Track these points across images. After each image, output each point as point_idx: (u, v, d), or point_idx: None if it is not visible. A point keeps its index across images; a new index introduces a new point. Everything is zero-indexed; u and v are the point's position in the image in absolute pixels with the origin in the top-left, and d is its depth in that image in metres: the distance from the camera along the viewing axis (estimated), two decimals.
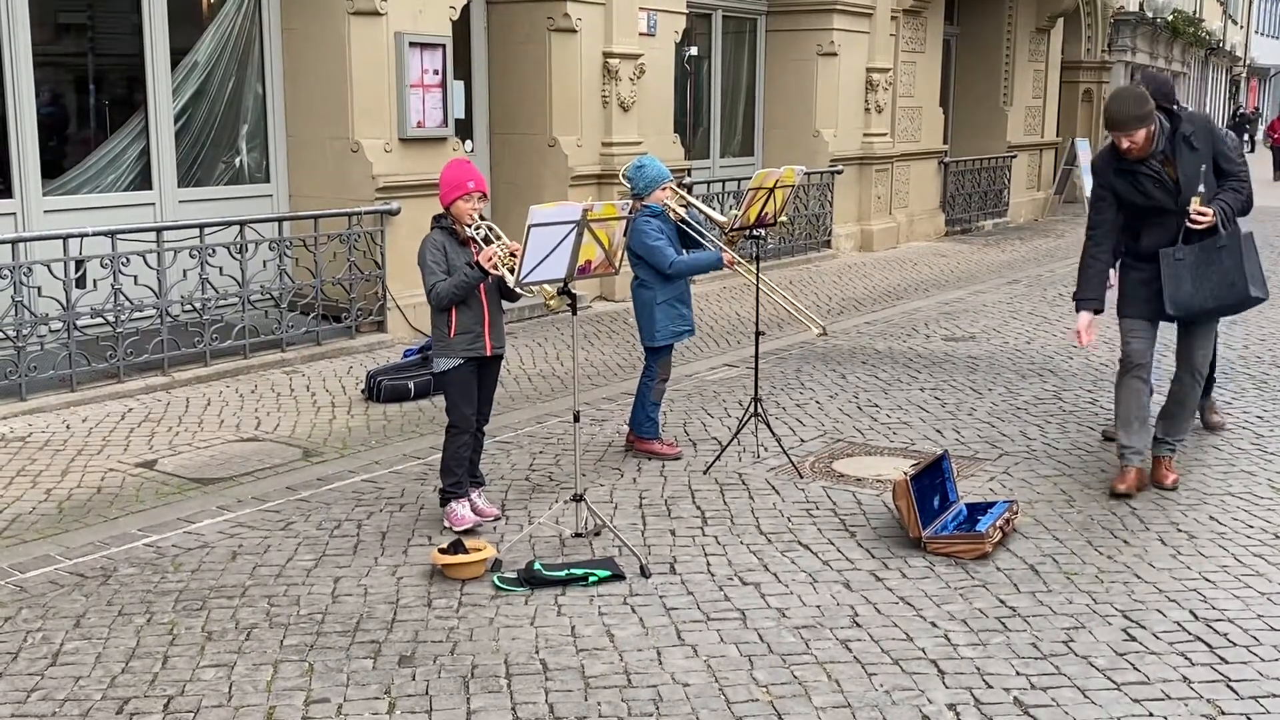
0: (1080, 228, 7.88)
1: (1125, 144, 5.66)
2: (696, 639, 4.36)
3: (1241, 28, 47.90)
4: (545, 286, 5.20)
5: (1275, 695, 3.97)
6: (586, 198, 10.47)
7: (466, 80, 11.01)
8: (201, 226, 8.29)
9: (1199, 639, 4.37)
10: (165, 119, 9.01)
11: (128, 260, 7.85)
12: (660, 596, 4.71)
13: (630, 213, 5.33)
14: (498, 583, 4.79)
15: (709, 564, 5.05)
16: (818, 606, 4.63)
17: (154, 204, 8.99)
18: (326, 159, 9.48)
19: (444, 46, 9.70)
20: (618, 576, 4.86)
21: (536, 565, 4.85)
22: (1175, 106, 5.83)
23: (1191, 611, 4.60)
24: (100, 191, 8.77)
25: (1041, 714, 3.85)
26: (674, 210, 6.39)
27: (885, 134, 15.82)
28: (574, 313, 5.18)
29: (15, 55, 8.10)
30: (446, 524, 5.40)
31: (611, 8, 11.20)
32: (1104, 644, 4.32)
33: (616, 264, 5.23)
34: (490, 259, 5.17)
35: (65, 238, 7.57)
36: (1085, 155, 8.67)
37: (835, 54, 14.58)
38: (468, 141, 11.01)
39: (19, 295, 7.32)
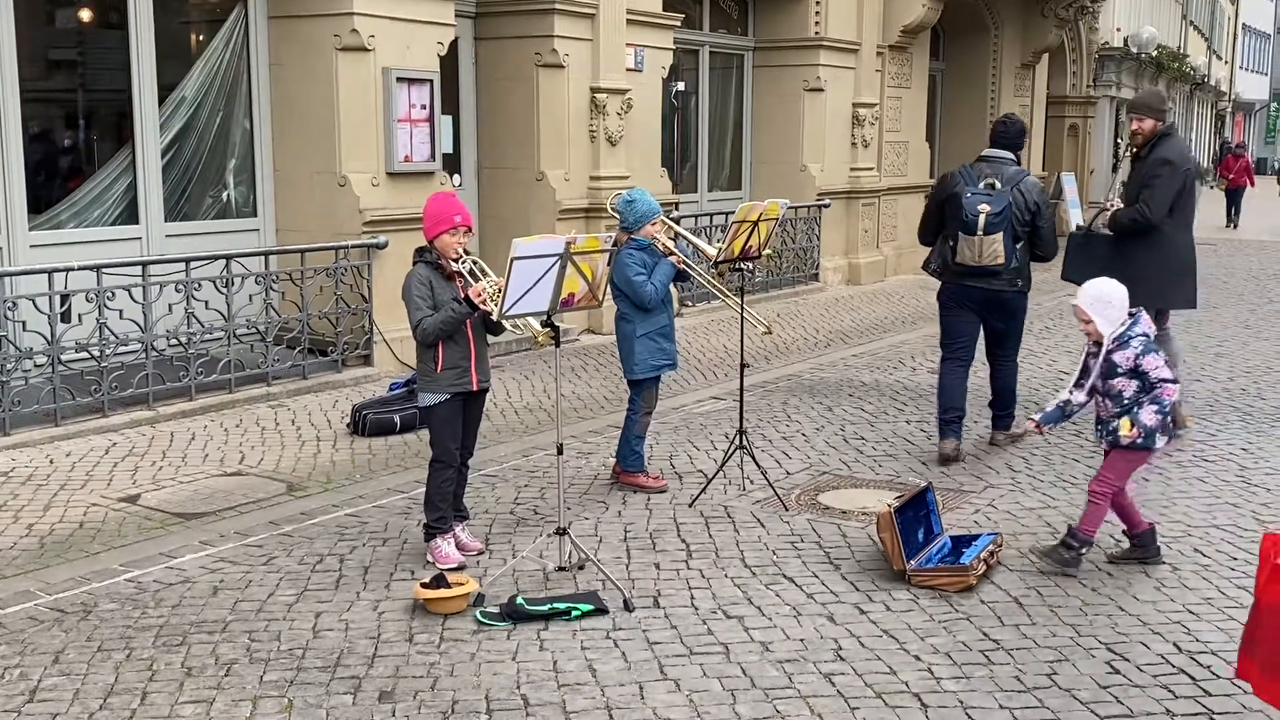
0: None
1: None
2: (679, 673, 4.34)
3: (1226, 63, 48.32)
4: (532, 322, 5.21)
5: None
6: (573, 231, 10.50)
7: (454, 115, 11.05)
8: (187, 261, 8.29)
9: (1183, 671, 4.37)
10: (153, 154, 9.02)
11: (113, 294, 7.84)
12: (644, 630, 4.70)
13: (614, 245, 5.35)
14: (480, 617, 4.77)
15: (693, 597, 5.04)
16: (801, 640, 4.62)
17: (140, 238, 8.97)
18: (314, 193, 9.49)
19: (431, 82, 9.75)
20: (601, 610, 4.84)
21: (519, 600, 4.84)
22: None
23: (1175, 644, 4.60)
24: (87, 226, 8.77)
25: None
26: (664, 244, 6.41)
27: (872, 168, 15.91)
28: (557, 345, 5.19)
29: (4, 90, 8.11)
30: (430, 558, 5.38)
31: (599, 44, 11.27)
32: (1087, 677, 4.32)
33: (600, 297, 5.25)
34: (479, 295, 5.18)
35: (50, 272, 7.56)
36: (1071, 189, 8.74)
37: (822, 89, 14.69)
38: (455, 176, 11.04)
39: (3, 329, 7.30)
